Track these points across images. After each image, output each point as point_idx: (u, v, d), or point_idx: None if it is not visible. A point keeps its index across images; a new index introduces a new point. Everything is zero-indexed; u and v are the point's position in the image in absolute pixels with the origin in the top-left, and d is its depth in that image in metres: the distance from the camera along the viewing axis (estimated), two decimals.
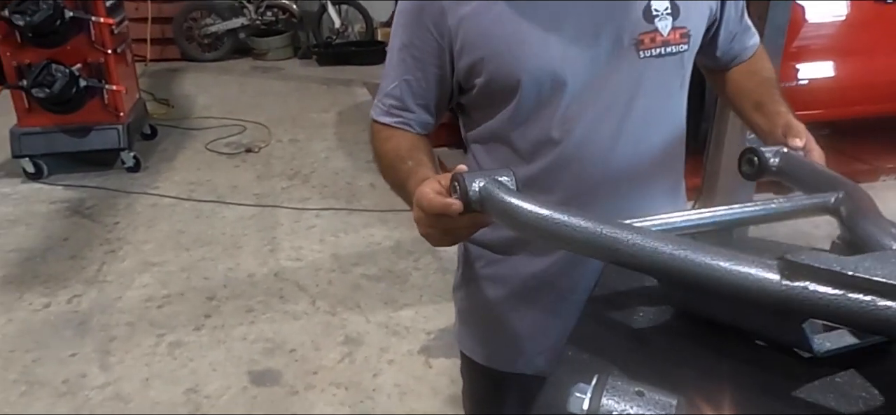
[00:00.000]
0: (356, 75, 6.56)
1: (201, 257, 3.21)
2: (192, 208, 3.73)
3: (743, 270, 0.56)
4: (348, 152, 4.56)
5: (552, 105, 1.01)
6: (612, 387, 0.47)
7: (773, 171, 0.93)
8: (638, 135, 1.03)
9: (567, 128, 1.01)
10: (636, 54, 1.00)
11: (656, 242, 0.61)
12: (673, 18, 1.00)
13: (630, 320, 0.71)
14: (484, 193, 0.76)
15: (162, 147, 4.64)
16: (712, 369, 0.64)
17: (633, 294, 0.76)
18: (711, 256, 0.57)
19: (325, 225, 3.53)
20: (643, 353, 0.66)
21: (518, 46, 0.98)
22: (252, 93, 6.00)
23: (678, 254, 0.59)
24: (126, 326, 2.69)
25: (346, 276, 3.05)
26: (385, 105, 1.09)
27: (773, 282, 0.54)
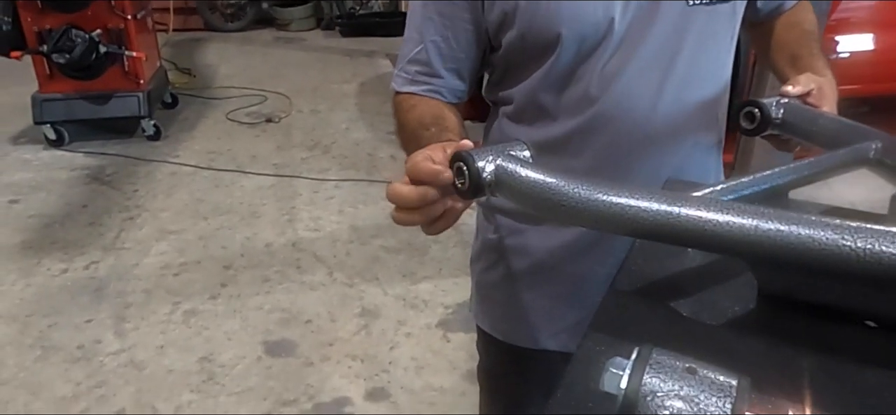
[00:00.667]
0: (379, 47, 6.46)
1: (219, 226, 3.18)
2: (212, 177, 3.69)
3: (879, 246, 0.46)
4: (369, 124, 4.49)
5: (592, 59, 0.90)
6: (656, 362, 0.39)
7: (778, 123, 0.84)
8: (681, 91, 0.93)
9: (607, 84, 0.91)
10: (685, 2, 0.89)
11: (759, 220, 0.50)
12: None
13: (672, 295, 0.62)
14: (500, 174, 0.62)
15: (183, 116, 4.61)
16: (788, 350, 0.54)
17: (673, 263, 0.66)
18: (833, 232, 0.47)
19: (344, 196, 3.46)
20: (691, 330, 0.56)
21: (554, 4, 0.87)
22: (274, 63, 5.94)
23: (792, 231, 0.49)
24: (142, 293, 2.67)
25: (364, 247, 2.99)
26: (409, 73, 0.97)
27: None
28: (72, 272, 2.80)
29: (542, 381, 1.14)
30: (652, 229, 0.54)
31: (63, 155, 3.93)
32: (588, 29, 0.88)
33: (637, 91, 0.91)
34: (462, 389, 2.18)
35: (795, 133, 0.85)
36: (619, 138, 0.93)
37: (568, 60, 0.91)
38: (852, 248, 0.46)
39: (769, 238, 0.49)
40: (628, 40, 0.89)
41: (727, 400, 0.36)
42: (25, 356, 2.32)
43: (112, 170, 3.75)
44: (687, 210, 0.52)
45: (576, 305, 1.05)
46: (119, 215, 3.26)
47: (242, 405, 2.12)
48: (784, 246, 0.49)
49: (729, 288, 0.60)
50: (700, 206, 0.52)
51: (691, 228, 0.52)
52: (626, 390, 0.38)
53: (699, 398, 0.37)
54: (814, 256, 0.48)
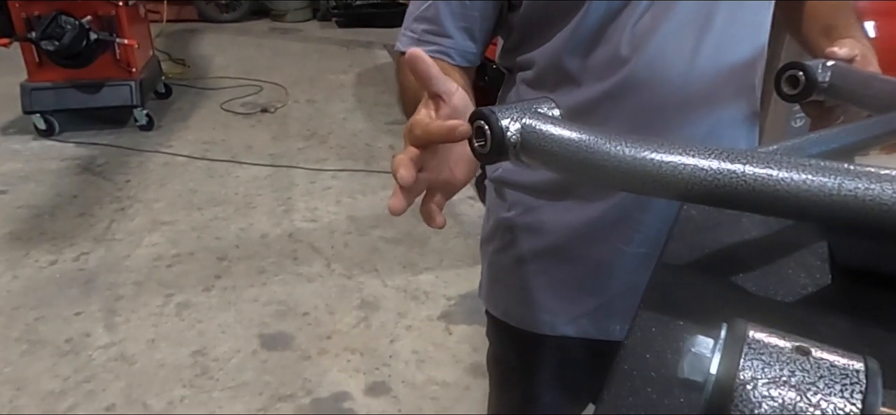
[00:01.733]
0: (376, 37, 6.37)
1: (213, 217, 3.08)
2: (206, 168, 3.60)
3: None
4: (367, 114, 4.40)
5: (623, 16, 0.81)
6: (755, 342, 0.30)
7: (825, 88, 0.75)
8: (719, 52, 0.84)
9: (639, 43, 0.82)
10: None
11: (843, 178, 0.41)
12: None
13: (732, 269, 0.53)
14: (527, 132, 0.53)
15: (176, 106, 4.51)
16: (880, 331, 0.45)
17: (727, 234, 0.58)
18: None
19: (341, 186, 3.38)
20: (762, 308, 0.47)
21: None
22: (270, 54, 5.84)
23: (885, 190, 0.40)
24: (133, 285, 2.58)
25: (362, 238, 2.91)
26: (415, 32, 0.88)
27: None
28: (61, 264, 2.71)
29: (559, 370, 1.06)
30: (711, 191, 0.45)
31: (53, 145, 3.83)
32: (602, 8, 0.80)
33: (672, 51, 0.82)
34: (466, 383, 2.10)
35: (845, 98, 0.77)
36: (652, 103, 0.84)
37: (597, 18, 0.82)
38: None
39: (856, 199, 0.41)
40: (659, 6, 0.81)
41: (855, 389, 0.28)
42: (11, 350, 2.23)
43: (103, 160, 3.66)
44: (754, 168, 0.44)
45: (597, 288, 0.97)
46: (110, 206, 3.17)
47: (237, 401, 2.03)
48: (873, 208, 0.40)
49: (798, 261, 0.52)
50: (770, 163, 0.44)
51: (760, 188, 0.43)
52: (718, 375, 0.30)
53: (818, 387, 0.28)
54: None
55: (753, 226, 0.58)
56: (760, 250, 0.54)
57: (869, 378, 0.29)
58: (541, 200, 0.97)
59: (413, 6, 0.90)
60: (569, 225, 0.95)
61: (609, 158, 0.49)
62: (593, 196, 0.93)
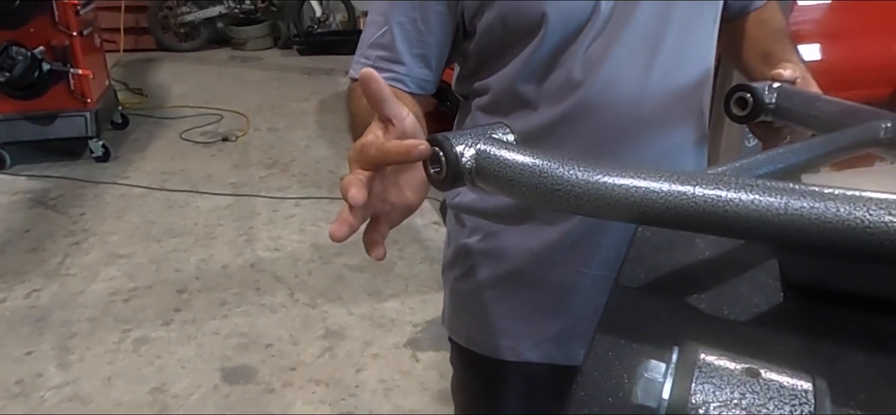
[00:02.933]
0: (338, 65, 6.35)
1: (172, 249, 3.02)
2: (164, 198, 3.52)
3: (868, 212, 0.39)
4: (330, 141, 4.38)
5: (577, 42, 0.83)
6: (706, 365, 0.30)
7: (772, 108, 0.77)
8: (668, 75, 0.86)
9: (592, 67, 0.83)
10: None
11: (790, 197, 0.42)
12: None
13: (686, 289, 0.53)
14: (482, 159, 0.54)
15: (133, 136, 4.42)
16: (831, 347, 0.46)
17: (682, 255, 0.58)
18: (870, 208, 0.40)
19: (305, 214, 3.34)
20: (715, 328, 0.47)
21: None
22: (230, 82, 5.78)
23: (830, 209, 0.41)
24: (88, 321, 2.49)
25: (327, 266, 2.87)
26: (369, 59, 0.87)
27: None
28: (11, 302, 2.61)
29: (524, 396, 1.05)
30: (662, 213, 0.46)
31: (3, 178, 3.71)
32: (574, 9, 0.81)
33: (623, 74, 0.84)
34: (433, 410, 2.07)
35: (791, 119, 0.79)
36: (605, 126, 0.85)
37: (551, 44, 0.83)
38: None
39: (803, 218, 0.42)
40: (614, 20, 0.82)
41: (804, 409, 0.28)
42: None
43: (57, 193, 3.55)
44: (704, 189, 0.45)
45: (560, 312, 0.97)
46: (64, 240, 3.07)
47: None
48: (820, 226, 0.41)
49: (749, 280, 0.53)
50: (719, 184, 0.45)
51: (710, 209, 0.44)
52: (671, 400, 0.30)
53: (768, 408, 0.28)
54: (857, 238, 0.40)
55: (707, 246, 0.58)
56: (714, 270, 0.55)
57: (817, 398, 0.29)
58: (500, 225, 0.97)
59: (367, 33, 0.89)
60: (529, 249, 0.96)
61: (562, 183, 0.49)
62: (552, 220, 0.93)
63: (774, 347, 0.42)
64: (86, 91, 3.76)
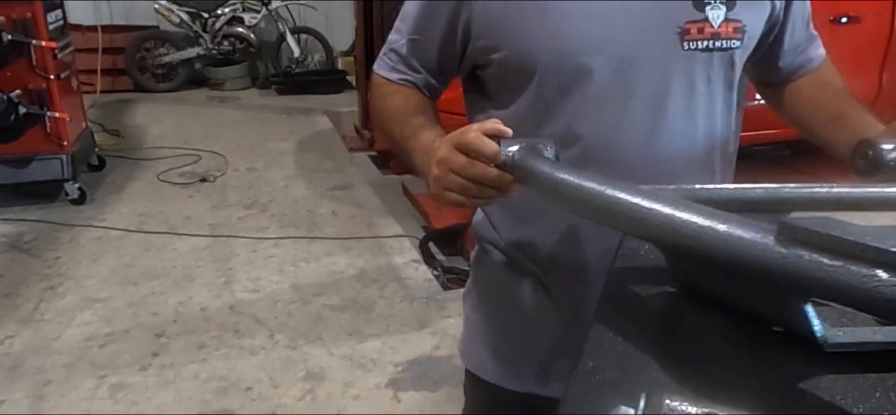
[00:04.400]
0: (316, 104, 6.41)
1: (150, 292, 2.99)
2: (141, 241, 3.50)
3: (735, 231, 0.45)
4: (309, 180, 4.39)
5: (576, 94, 0.87)
6: (671, 410, 0.33)
7: (892, 165, 0.77)
8: (674, 139, 0.90)
9: (592, 122, 0.88)
10: (679, 45, 0.86)
11: (642, 200, 0.52)
12: (727, 8, 0.87)
13: (662, 334, 0.57)
14: (515, 159, 0.71)
15: (110, 178, 4.39)
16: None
17: (645, 284, 0.62)
18: (701, 216, 0.48)
19: (284, 255, 3.34)
20: (689, 373, 0.51)
21: (537, 23, 0.85)
22: (208, 123, 5.79)
23: (662, 212, 0.50)
24: (63, 368, 2.45)
25: (306, 307, 2.87)
26: (390, 60, 1.02)
27: (769, 247, 0.44)
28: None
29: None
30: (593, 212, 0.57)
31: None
32: (566, 61, 0.86)
33: (626, 135, 0.88)
34: None
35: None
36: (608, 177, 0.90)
37: (551, 91, 0.88)
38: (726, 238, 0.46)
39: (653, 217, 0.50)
40: (617, 78, 0.86)
41: None
42: None
43: (32, 236, 3.51)
44: (616, 193, 0.55)
45: (567, 351, 1.00)
46: (38, 285, 3.03)
47: None
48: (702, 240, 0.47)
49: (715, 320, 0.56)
50: (631, 192, 0.54)
51: (615, 211, 0.54)
52: None
53: None
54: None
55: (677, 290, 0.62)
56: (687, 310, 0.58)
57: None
58: (516, 257, 1.01)
59: (392, 37, 1.01)
60: (552, 278, 0.99)
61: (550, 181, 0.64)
62: (567, 258, 0.96)
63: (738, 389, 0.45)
64: (62, 134, 3.75)
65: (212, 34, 6.91)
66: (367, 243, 3.44)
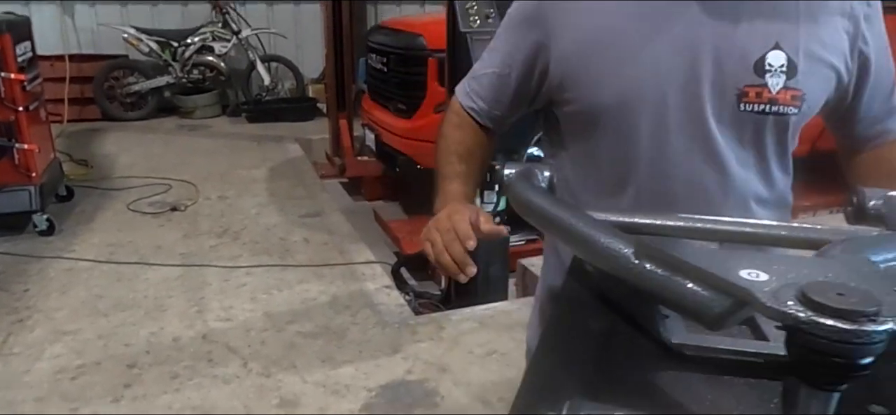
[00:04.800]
0: (287, 131, 6.45)
1: (121, 323, 2.99)
2: (112, 271, 3.49)
3: (604, 240, 0.57)
4: (280, 208, 4.42)
5: (637, 140, 0.97)
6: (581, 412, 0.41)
7: (872, 214, 0.80)
8: (726, 189, 0.98)
9: (650, 167, 0.98)
10: (737, 105, 0.93)
11: (558, 210, 0.65)
12: (787, 77, 0.92)
13: (584, 329, 0.66)
14: (509, 180, 0.81)
15: (79, 209, 4.37)
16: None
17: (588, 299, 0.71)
18: (586, 226, 0.60)
19: (256, 283, 3.36)
20: (618, 380, 0.59)
21: (608, 71, 0.95)
22: (178, 151, 5.79)
23: (567, 221, 0.63)
24: (34, 402, 2.44)
25: (280, 334, 2.90)
26: (470, 88, 1.14)
27: (628, 260, 0.55)
28: None
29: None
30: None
31: None
32: (629, 120, 0.97)
33: (678, 182, 0.98)
34: None
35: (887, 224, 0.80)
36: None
37: (613, 136, 1.00)
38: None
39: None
40: (671, 139, 0.96)
41: None
42: None
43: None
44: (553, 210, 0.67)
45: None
46: (7, 319, 3.01)
47: None
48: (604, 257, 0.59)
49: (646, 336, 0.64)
50: (566, 211, 0.66)
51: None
52: None
53: None
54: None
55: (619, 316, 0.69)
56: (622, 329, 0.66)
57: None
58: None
59: (479, 64, 1.13)
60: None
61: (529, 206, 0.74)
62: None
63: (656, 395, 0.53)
64: (30, 166, 3.74)
65: (181, 63, 6.93)
66: (339, 270, 3.49)
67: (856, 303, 0.42)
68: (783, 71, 0.91)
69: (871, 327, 0.40)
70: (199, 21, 7.16)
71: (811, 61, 0.93)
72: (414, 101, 4.06)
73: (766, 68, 0.91)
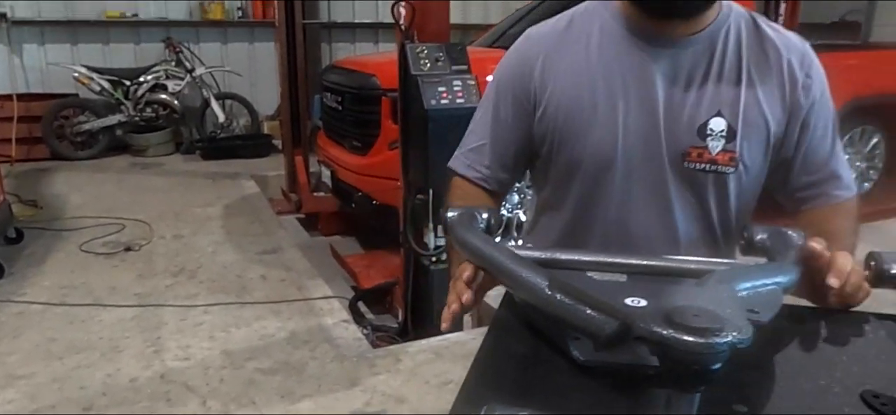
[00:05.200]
0: (243, 168, 6.47)
1: (76, 365, 2.98)
2: (65, 314, 3.47)
3: (525, 274, 0.70)
4: (237, 245, 4.45)
5: (602, 189, 1.12)
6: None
7: (758, 246, 0.91)
8: (675, 238, 1.12)
9: (613, 212, 1.12)
10: (682, 163, 1.08)
11: (489, 249, 0.78)
12: (726, 140, 1.05)
13: (513, 347, 0.78)
14: (450, 221, 0.92)
15: (29, 251, 4.31)
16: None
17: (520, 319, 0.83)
18: (511, 262, 0.73)
19: (214, 321, 3.39)
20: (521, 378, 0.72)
21: (582, 134, 1.09)
22: (131, 190, 5.75)
23: (496, 258, 0.76)
24: None
25: (238, 372, 2.93)
26: (469, 160, 1.23)
27: (543, 291, 0.68)
28: None
29: None
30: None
31: None
32: (594, 172, 1.12)
33: (637, 225, 1.12)
34: None
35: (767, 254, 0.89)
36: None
37: (581, 185, 1.14)
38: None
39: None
40: (631, 188, 1.11)
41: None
42: None
43: None
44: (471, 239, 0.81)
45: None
46: None
47: None
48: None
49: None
50: (493, 249, 0.79)
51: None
52: None
53: None
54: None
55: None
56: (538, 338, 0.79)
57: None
58: None
59: (470, 137, 1.22)
60: None
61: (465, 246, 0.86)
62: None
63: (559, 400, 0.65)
64: None
65: (134, 101, 6.90)
66: (297, 306, 3.54)
67: (704, 322, 0.54)
68: (723, 135, 1.05)
69: (714, 339, 0.53)
70: (152, 60, 7.17)
71: (749, 126, 1.06)
72: (369, 138, 4.17)
73: (707, 133, 1.05)
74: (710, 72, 1.07)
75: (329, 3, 7.96)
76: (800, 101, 1.09)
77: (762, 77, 1.07)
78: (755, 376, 0.70)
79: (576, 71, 1.11)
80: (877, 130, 5.32)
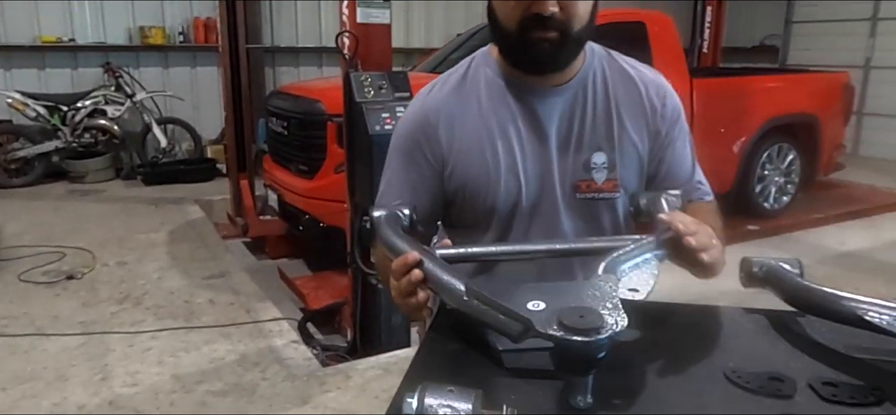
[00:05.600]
0: (187, 193, 6.43)
1: (21, 396, 2.96)
2: (6, 344, 3.42)
3: (453, 286, 0.85)
4: (183, 270, 4.46)
5: (510, 222, 1.26)
6: (431, 390, 0.66)
7: (643, 210, 1.15)
8: (571, 260, 1.26)
9: (520, 238, 1.27)
10: (573, 195, 1.24)
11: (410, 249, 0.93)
12: (608, 171, 1.23)
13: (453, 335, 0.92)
14: (376, 222, 1.04)
15: None
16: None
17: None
18: (432, 263, 0.89)
19: (162, 346, 3.41)
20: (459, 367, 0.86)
21: (492, 186, 1.23)
22: (70, 217, 5.65)
23: (432, 269, 0.90)
24: None
25: (189, 395, 2.97)
26: (386, 207, 1.27)
27: (462, 295, 0.84)
28: None
29: None
30: None
31: None
32: (507, 210, 1.26)
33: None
34: None
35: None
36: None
37: (499, 224, 1.28)
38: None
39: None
40: (531, 219, 1.26)
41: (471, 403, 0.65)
42: None
43: None
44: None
45: None
46: None
47: None
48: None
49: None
50: (422, 252, 0.94)
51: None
52: (416, 410, 0.65)
53: (455, 406, 0.65)
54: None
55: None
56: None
57: (475, 398, 0.66)
58: None
59: (385, 199, 1.30)
60: None
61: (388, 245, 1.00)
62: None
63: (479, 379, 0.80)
64: None
65: (72, 127, 6.78)
66: (246, 329, 3.59)
67: (588, 322, 0.70)
68: (605, 167, 1.24)
69: (596, 337, 0.69)
70: (91, 85, 7.06)
71: (624, 154, 1.26)
72: (315, 162, 4.26)
73: (592, 166, 1.24)
74: (586, 112, 1.25)
75: (272, 28, 8.02)
76: (659, 126, 1.28)
77: (628, 110, 1.27)
78: (633, 365, 0.87)
79: (475, 128, 1.26)
80: (792, 147, 5.73)
